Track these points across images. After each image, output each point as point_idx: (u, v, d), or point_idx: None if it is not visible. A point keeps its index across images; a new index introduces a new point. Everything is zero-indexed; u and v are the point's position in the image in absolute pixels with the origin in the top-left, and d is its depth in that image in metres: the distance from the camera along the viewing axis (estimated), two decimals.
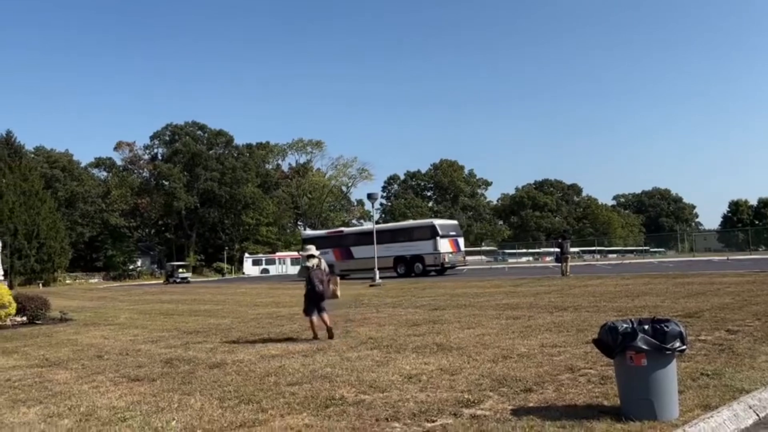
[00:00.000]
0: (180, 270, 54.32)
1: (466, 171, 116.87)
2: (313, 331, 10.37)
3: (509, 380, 6.11)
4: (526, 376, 6.27)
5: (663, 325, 4.62)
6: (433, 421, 4.81)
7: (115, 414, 5.57)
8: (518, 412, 4.94)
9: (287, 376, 6.95)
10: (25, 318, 16.55)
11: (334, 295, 10.56)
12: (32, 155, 77.50)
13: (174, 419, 5.23)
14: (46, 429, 5.17)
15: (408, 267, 35.74)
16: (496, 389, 5.78)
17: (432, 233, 35.35)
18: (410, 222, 43.20)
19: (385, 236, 36.20)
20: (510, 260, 78.14)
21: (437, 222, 37.57)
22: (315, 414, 5.22)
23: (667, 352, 4.57)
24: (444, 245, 35.53)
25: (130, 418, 5.40)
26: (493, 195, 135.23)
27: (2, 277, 20.54)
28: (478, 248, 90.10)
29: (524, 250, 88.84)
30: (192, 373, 7.53)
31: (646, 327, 4.62)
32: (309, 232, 48.81)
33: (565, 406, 5.05)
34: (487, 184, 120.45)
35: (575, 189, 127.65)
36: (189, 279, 53.12)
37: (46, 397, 6.55)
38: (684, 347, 4.66)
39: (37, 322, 16.44)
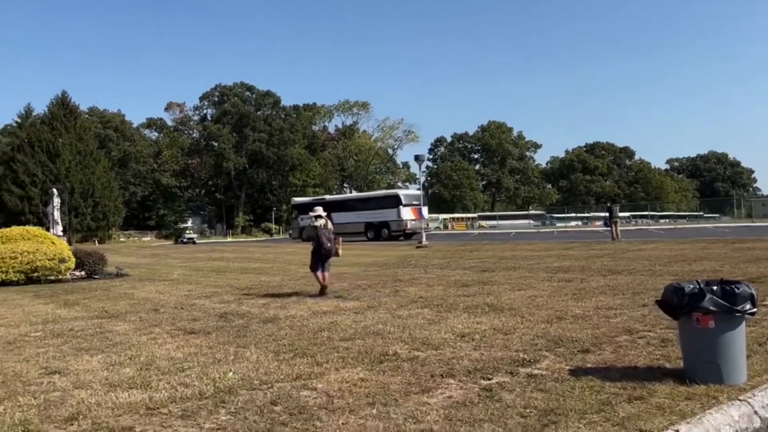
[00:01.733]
0: (187, 231, 61.50)
1: (514, 133, 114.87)
2: (320, 284, 10.92)
3: (565, 341, 6.00)
4: (582, 337, 6.14)
5: (733, 286, 4.42)
6: (489, 379, 4.76)
7: (174, 364, 5.68)
8: (576, 372, 4.84)
9: (340, 332, 6.99)
10: (83, 272, 17.11)
11: (337, 254, 11.15)
12: (86, 115, 79.28)
13: (231, 371, 5.31)
14: (108, 376, 5.31)
15: (376, 232, 39.46)
16: (552, 349, 5.68)
17: (396, 202, 39.23)
18: (378, 192, 47.97)
19: (358, 204, 41.03)
20: (558, 224, 77.03)
21: (401, 192, 41.81)
22: (369, 368, 5.22)
23: (737, 314, 4.38)
24: (406, 213, 39.00)
25: (188, 368, 5.50)
26: (542, 158, 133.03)
27: (62, 233, 21.22)
28: (526, 212, 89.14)
29: (573, 215, 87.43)
30: (246, 327, 7.65)
31: (715, 288, 4.43)
32: (298, 199, 53.33)
33: (625, 368, 4.93)
34: (537, 146, 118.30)
35: (627, 152, 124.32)
36: (195, 240, 58.86)
37: (107, 346, 6.73)
38: (755, 309, 4.46)
39: (94, 276, 16.97)
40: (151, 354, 6.20)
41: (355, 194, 48.81)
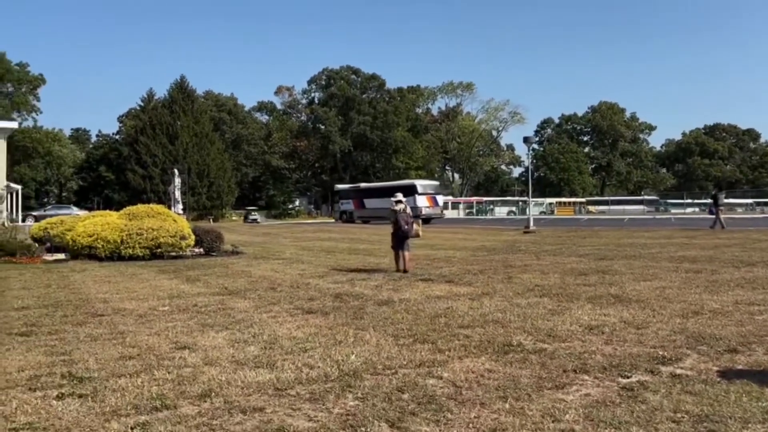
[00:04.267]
0: (252, 213, 66.34)
1: (627, 114, 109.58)
2: (396, 264, 12.08)
3: (707, 338, 5.53)
4: (727, 334, 5.64)
5: None
6: (628, 377, 4.43)
7: (296, 344, 5.72)
8: (726, 374, 4.42)
9: (457, 318, 6.82)
10: (201, 250, 17.79)
11: (417, 234, 12.26)
12: (202, 99, 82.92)
13: (353, 353, 5.27)
14: (234, 354, 5.40)
15: None
16: (694, 347, 5.24)
17: (413, 191, 43.68)
18: (398, 182, 53.92)
19: (383, 192, 45.73)
20: (673, 210, 72.95)
21: (418, 182, 47.93)
22: (494, 359, 5.02)
23: None
24: (422, 201, 44.26)
25: (311, 349, 5.51)
26: (656, 140, 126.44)
27: (182, 212, 22.31)
28: (639, 197, 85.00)
29: (690, 201, 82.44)
30: (362, 309, 7.63)
31: None
32: (339, 186, 60.62)
33: None
34: (651, 128, 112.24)
35: (752, 134, 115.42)
36: (258, 220, 63.33)
37: (230, 323, 6.90)
38: None
39: (212, 253, 17.62)
40: (273, 333, 6.29)
41: (381, 183, 57.41)
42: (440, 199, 47.75)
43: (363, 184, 57.89)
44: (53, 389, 4.44)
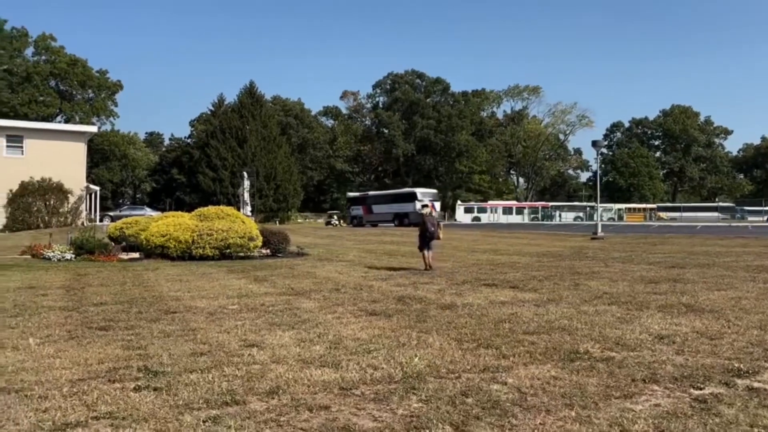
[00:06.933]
0: (331, 217, 70.14)
1: (701, 118, 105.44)
2: (424, 262, 13.17)
3: None
4: None
5: None
6: (700, 389, 4.29)
7: (360, 345, 5.79)
8: None
9: (522, 325, 6.75)
10: (268, 251, 18.21)
11: (438, 237, 13.36)
12: (270, 104, 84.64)
13: (416, 356, 5.30)
14: (301, 353, 5.52)
15: (400, 221, 49.00)
16: None
17: (413, 198, 48.80)
18: (401, 190, 59.59)
19: (388, 199, 54.25)
20: (750, 218, 69.76)
21: (418, 190, 53.05)
22: (561, 367, 4.95)
23: None
24: (420, 207, 48.46)
25: (375, 350, 5.57)
26: (733, 145, 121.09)
27: (250, 214, 22.85)
28: (713, 204, 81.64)
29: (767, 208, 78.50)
30: (425, 312, 7.65)
31: None
32: (351, 194, 65.35)
33: None
34: (727, 132, 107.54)
35: None
36: (332, 223, 66.68)
37: (296, 323, 7.05)
38: None
39: (278, 255, 18.01)
40: (338, 333, 6.39)
41: (386, 191, 62.59)
42: (438, 205, 51.09)
43: (371, 192, 63.38)
44: (130, 381, 4.65)
